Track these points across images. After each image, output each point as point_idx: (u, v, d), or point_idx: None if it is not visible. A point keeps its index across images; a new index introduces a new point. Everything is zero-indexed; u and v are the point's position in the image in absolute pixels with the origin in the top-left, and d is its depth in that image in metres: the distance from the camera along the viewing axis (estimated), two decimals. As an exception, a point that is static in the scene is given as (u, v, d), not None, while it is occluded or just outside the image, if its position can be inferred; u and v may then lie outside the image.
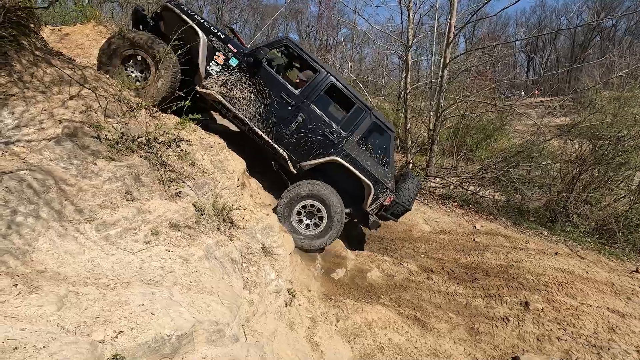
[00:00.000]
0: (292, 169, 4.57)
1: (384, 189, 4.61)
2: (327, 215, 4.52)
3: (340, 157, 4.46)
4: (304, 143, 4.47)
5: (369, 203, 4.62)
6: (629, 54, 20.32)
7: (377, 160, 4.64)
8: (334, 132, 4.45)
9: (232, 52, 4.29)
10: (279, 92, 4.35)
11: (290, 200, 4.50)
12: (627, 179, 7.65)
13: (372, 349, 3.43)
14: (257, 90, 4.31)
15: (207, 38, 4.23)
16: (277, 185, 5.61)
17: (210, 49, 4.24)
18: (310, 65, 4.58)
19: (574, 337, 3.94)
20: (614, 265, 6.00)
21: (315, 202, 4.52)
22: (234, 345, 1.95)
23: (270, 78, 4.36)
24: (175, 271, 2.14)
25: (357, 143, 4.54)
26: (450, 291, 4.85)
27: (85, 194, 2.24)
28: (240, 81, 4.27)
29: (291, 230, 4.47)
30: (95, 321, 1.55)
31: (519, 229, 7.16)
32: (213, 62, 4.24)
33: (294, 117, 4.39)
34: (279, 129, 4.42)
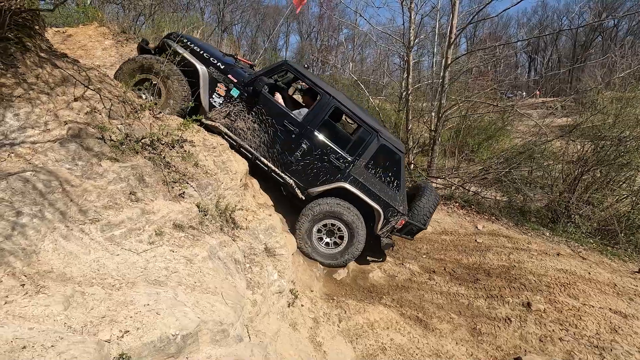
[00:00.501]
0: (300, 195, 4.51)
1: (395, 212, 4.48)
2: (346, 229, 4.46)
3: (347, 183, 4.37)
4: (310, 170, 4.41)
5: (379, 227, 4.52)
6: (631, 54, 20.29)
7: (387, 184, 4.50)
8: (339, 157, 4.35)
9: (233, 82, 4.28)
10: (282, 120, 4.30)
11: (307, 226, 4.44)
12: (629, 179, 7.63)
13: (374, 350, 3.44)
14: (260, 119, 4.29)
15: (207, 70, 4.26)
16: (279, 186, 5.64)
17: (212, 81, 4.27)
18: (313, 88, 4.53)
19: (576, 338, 3.94)
20: (616, 266, 5.99)
21: (331, 221, 4.46)
22: (237, 345, 1.96)
23: (271, 107, 4.32)
24: (180, 271, 2.15)
25: (365, 167, 4.42)
26: (452, 292, 4.86)
27: (90, 195, 2.26)
28: (242, 112, 4.27)
29: (311, 249, 4.47)
30: (102, 321, 1.57)
31: (520, 229, 7.16)
32: (215, 94, 4.27)
33: (298, 144, 4.34)
34: (284, 157, 4.38)
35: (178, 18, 11.44)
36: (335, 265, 4.56)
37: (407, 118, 9.96)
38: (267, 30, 40.54)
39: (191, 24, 10.58)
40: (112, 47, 7.41)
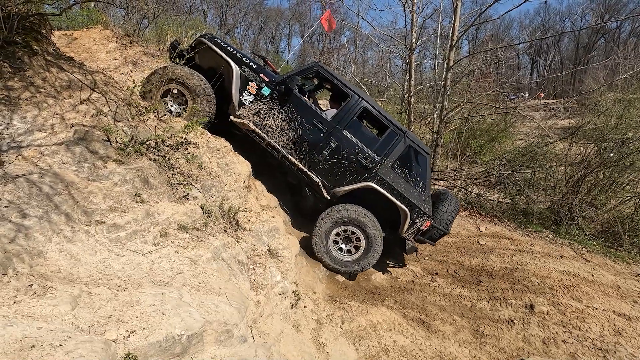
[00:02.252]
0: (325, 195, 4.50)
1: (421, 213, 4.45)
2: (365, 241, 4.43)
3: (374, 183, 4.36)
4: (337, 169, 4.41)
5: (405, 229, 4.47)
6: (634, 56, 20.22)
7: (413, 184, 4.49)
8: (367, 157, 4.36)
9: (264, 81, 4.35)
10: (311, 119, 4.34)
11: (327, 225, 4.44)
12: (633, 181, 7.60)
13: (377, 351, 3.44)
14: (289, 118, 4.33)
15: (240, 69, 4.33)
16: (282, 187, 5.66)
17: (243, 80, 4.33)
18: (342, 90, 4.56)
19: (579, 340, 3.93)
20: (620, 269, 5.97)
21: (352, 228, 4.44)
22: (242, 346, 1.97)
23: (302, 105, 4.37)
24: (184, 272, 2.17)
25: (392, 167, 4.42)
26: (455, 294, 4.85)
27: (95, 197, 2.29)
28: (272, 110, 4.31)
29: (328, 256, 4.46)
30: (108, 321, 1.59)
31: (523, 231, 7.14)
32: (246, 92, 4.32)
33: (326, 143, 4.36)
34: (311, 156, 4.40)
35: (181, 21, 11.52)
36: (341, 272, 4.53)
37: (409, 120, 9.97)
38: (269, 32, 40.71)
39: (194, 27, 10.65)
40: (116, 50, 7.47)
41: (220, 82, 4.33)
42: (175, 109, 4.18)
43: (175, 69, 4.02)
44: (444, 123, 9.09)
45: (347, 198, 4.56)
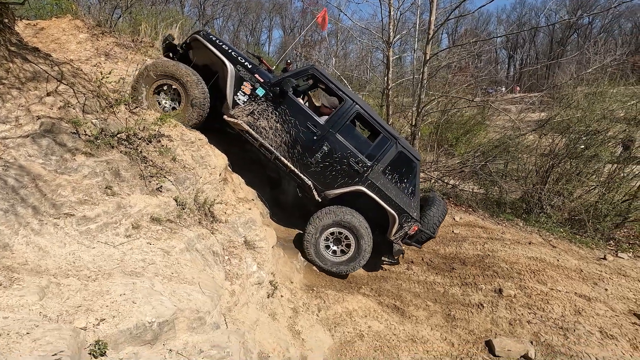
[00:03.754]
0: (316, 197, 4.57)
1: (409, 218, 4.56)
2: (355, 243, 4.52)
3: (364, 187, 4.45)
4: (329, 172, 4.47)
5: (393, 232, 4.59)
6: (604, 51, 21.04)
7: (402, 190, 4.58)
8: (359, 161, 4.42)
9: (259, 82, 4.34)
10: (305, 122, 4.37)
11: (318, 227, 4.50)
12: (597, 171, 8.00)
13: (352, 337, 3.56)
14: (283, 119, 4.35)
15: (235, 68, 4.30)
16: (261, 180, 5.68)
17: (238, 79, 4.32)
18: (336, 94, 4.60)
19: (543, 320, 4.17)
20: (583, 253, 6.31)
21: (343, 230, 4.53)
22: (214, 332, 2.02)
23: (296, 108, 4.39)
24: (157, 263, 2.20)
25: (383, 172, 4.50)
26: (429, 281, 5.04)
27: (64, 190, 2.27)
28: (266, 111, 4.32)
29: (318, 257, 4.53)
30: (77, 310, 1.61)
31: (496, 220, 7.42)
32: (240, 92, 4.31)
33: (319, 146, 4.40)
34: (304, 158, 4.44)
35: (157, 11, 11.22)
36: (329, 272, 4.60)
37: (388, 113, 10.12)
38: (249, 24, 40.05)
39: (170, 17, 10.40)
40: (87, 41, 7.23)
41: (214, 80, 4.30)
42: (170, 105, 4.15)
43: (170, 65, 3.99)
44: (421, 116, 9.26)
45: (337, 200, 4.64)
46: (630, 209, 7.33)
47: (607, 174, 7.85)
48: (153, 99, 3.96)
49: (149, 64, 4.07)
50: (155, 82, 3.94)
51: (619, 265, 5.93)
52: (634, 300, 4.77)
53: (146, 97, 3.80)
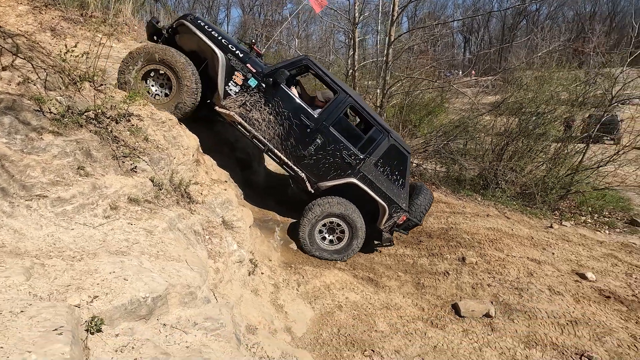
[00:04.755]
0: (309, 188, 4.60)
1: (398, 209, 4.69)
2: (349, 232, 4.63)
3: (357, 179, 4.51)
4: (322, 165, 4.48)
5: (384, 222, 4.72)
6: (549, 37, 22.47)
7: (392, 182, 4.68)
8: (351, 154, 4.45)
9: (251, 72, 4.20)
10: (298, 114, 4.30)
11: (312, 218, 4.54)
12: (545, 148, 8.70)
13: (331, 308, 3.72)
14: (276, 112, 4.25)
15: (226, 57, 4.12)
16: (231, 162, 5.60)
17: (229, 69, 4.15)
18: (330, 86, 4.54)
19: (501, 282, 4.58)
20: (533, 223, 6.93)
21: (337, 220, 4.60)
22: (206, 306, 2.06)
23: (289, 100, 4.30)
24: (141, 242, 2.16)
25: (375, 165, 4.57)
26: (399, 253, 5.32)
27: (33, 170, 2.14)
28: (259, 102, 4.21)
29: (314, 246, 4.59)
30: (68, 289, 1.57)
31: (457, 196, 7.90)
32: (232, 82, 4.16)
33: (312, 139, 4.37)
34: (297, 151, 4.40)
35: (105, -17, 10.34)
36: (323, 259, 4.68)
37: (354, 95, 10.21)
38: (205, 1, 38.03)
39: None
40: (29, 14, 6.57)
41: (203, 67, 4.13)
42: (162, 92, 3.98)
43: (163, 50, 3.80)
44: (386, 98, 9.49)
45: (330, 192, 4.69)
46: (573, 182, 8.10)
47: (554, 151, 8.58)
48: (141, 85, 3.75)
49: (138, 47, 3.85)
50: (143, 68, 3.73)
51: (563, 232, 6.59)
52: (576, 262, 5.36)
53: (134, 84, 3.61)
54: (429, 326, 3.78)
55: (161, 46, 3.89)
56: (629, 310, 4.24)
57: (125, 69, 3.75)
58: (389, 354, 3.23)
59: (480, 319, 3.95)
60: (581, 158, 8.19)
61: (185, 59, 3.92)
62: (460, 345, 3.54)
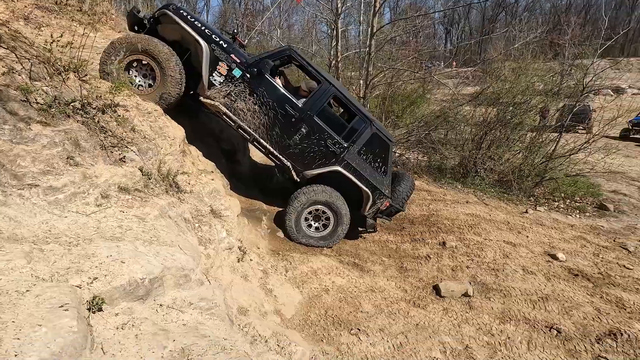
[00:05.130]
0: (295, 177, 4.69)
1: (382, 195, 4.82)
2: (334, 219, 4.76)
3: (341, 167, 4.62)
4: (307, 153, 4.57)
5: (367, 208, 4.86)
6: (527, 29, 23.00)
7: (376, 169, 4.81)
8: (336, 143, 4.56)
9: (236, 62, 4.22)
10: (283, 104, 4.36)
11: (298, 206, 4.65)
12: (522, 137, 9.05)
13: (318, 291, 3.87)
14: (261, 102, 4.29)
15: (209, 47, 4.12)
16: (216, 153, 5.63)
17: (213, 59, 4.15)
18: (313, 76, 4.59)
19: (478, 264, 4.84)
20: (510, 209, 7.26)
21: (322, 207, 4.72)
22: (200, 288, 2.15)
23: (274, 90, 4.35)
24: (134, 229, 2.23)
25: (358, 153, 4.68)
26: (383, 239, 5.51)
27: (23, 160, 2.17)
28: (244, 92, 4.23)
29: (301, 233, 4.71)
30: (68, 271, 1.64)
31: (438, 184, 8.17)
32: (216, 72, 4.16)
33: (297, 128, 4.44)
34: (283, 140, 4.47)
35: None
36: (310, 246, 4.81)
37: (337, 86, 10.28)
38: (184, -9, 36.93)
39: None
40: (0, 2, 6.35)
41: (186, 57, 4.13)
42: (145, 82, 3.97)
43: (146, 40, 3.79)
44: (369, 89, 9.61)
45: (315, 180, 4.79)
46: (547, 169, 8.48)
47: (529, 140, 8.94)
48: (124, 75, 3.74)
49: (120, 37, 3.83)
50: (126, 58, 3.71)
51: (537, 217, 6.93)
52: (548, 244, 5.68)
53: (117, 74, 3.60)
54: (412, 306, 3.98)
55: (144, 36, 3.87)
56: (594, 287, 4.56)
57: (107, 59, 3.73)
58: (374, 332, 3.40)
59: (459, 298, 4.18)
60: (554, 146, 8.58)
61: (169, 49, 3.91)
62: (440, 322, 3.76)
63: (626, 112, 7.74)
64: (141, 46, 3.75)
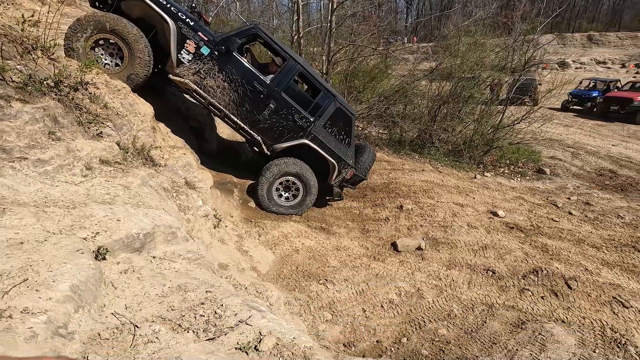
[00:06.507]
0: (266, 151, 4.98)
1: (346, 165, 5.25)
2: (303, 189, 5.12)
3: (308, 140, 4.96)
4: (276, 128, 4.83)
5: (334, 178, 5.27)
6: (482, 5, 23.84)
7: (340, 141, 5.19)
8: (303, 117, 4.85)
9: (203, 40, 4.28)
10: (251, 81, 4.52)
11: (270, 177, 4.94)
12: (472, 110, 9.79)
13: (289, 252, 4.29)
14: (230, 78, 4.42)
15: (176, 25, 4.14)
16: (185, 130, 5.76)
17: (180, 37, 4.19)
18: (279, 53, 4.77)
19: (430, 223, 5.47)
20: (461, 175, 8.01)
21: (292, 178, 5.06)
22: (186, 243, 2.47)
23: (242, 67, 4.48)
24: (121, 195, 2.48)
25: (324, 126, 5.02)
26: (347, 206, 6.00)
27: (9, 135, 2.32)
28: (212, 70, 4.33)
29: (272, 202, 5.02)
30: (72, 228, 1.90)
31: (397, 155, 8.76)
32: (184, 50, 4.22)
33: (266, 104, 4.66)
34: (252, 116, 4.68)
35: None
36: (293, 214, 5.20)
37: (301, 62, 10.42)
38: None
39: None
40: None
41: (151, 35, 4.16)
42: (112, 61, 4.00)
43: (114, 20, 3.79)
44: (331, 65, 9.86)
45: (284, 153, 5.10)
46: (494, 139, 9.31)
47: (479, 112, 9.69)
48: (90, 54, 3.76)
49: (87, 15, 3.80)
50: (92, 36, 3.73)
51: (484, 181, 7.73)
52: (491, 204, 6.44)
53: (83, 52, 3.62)
54: (372, 260, 4.53)
55: (113, 15, 3.89)
56: (525, 236, 5.34)
57: (72, 36, 3.74)
58: (339, 282, 3.90)
59: (414, 252, 4.78)
60: (500, 118, 9.39)
61: (138, 30, 3.97)
62: (397, 272, 4.33)
63: (559, 85, 8.59)
64: (109, 25, 3.79)
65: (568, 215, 6.22)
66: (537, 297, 3.98)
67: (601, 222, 5.99)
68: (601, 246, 5.16)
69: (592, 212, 6.39)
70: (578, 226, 5.80)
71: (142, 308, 1.66)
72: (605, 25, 44.63)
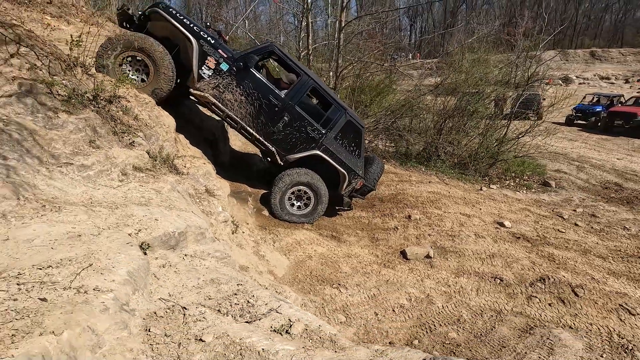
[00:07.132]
0: (279, 161, 5.22)
1: (356, 176, 5.46)
2: (315, 198, 5.34)
3: (320, 151, 5.20)
4: (290, 139, 5.10)
5: (344, 188, 5.48)
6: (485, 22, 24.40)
7: (350, 152, 5.43)
8: (315, 129, 5.12)
9: (223, 57, 4.61)
10: (267, 95, 4.83)
11: (282, 187, 5.16)
12: (477, 124, 10.00)
13: (303, 258, 4.46)
14: (247, 93, 4.74)
15: (198, 43, 4.48)
16: (200, 142, 6.02)
17: (202, 54, 4.52)
18: (293, 69, 5.10)
19: (438, 232, 5.61)
20: (467, 187, 8.16)
21: (303, 188, 5.28)
22: (213, 244, 2.66)
23: (259, 82, 4.81)
24: (154, 199, 2.69)
25: (335, 138, 5.26)
26: (356, 216, 6.17)
27: (56, 143, 2.56)
28: (231, 85, 4.65)
29: (284, 211, 5.23)
30: (117, 225, 2.10)
31: (404, 167, 8.95)
32: (205, 66, 4.53)
33: (280, 117, 4.94)
34: (267, 127, 4.96)
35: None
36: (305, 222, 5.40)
37: (310, 77, 10.76)
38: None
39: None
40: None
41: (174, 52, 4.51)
42: (138, 77, 4.33)
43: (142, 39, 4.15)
44: (339, 80, 10.20)
45: (296, 163, 5.34)
46: (499, 152, 9.48)
47: (484, 126, 9.90)
48: (119, 70, 4.09)
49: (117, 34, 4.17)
50: (122, 53, 4.06)
51: (490, 193, 7.87)
52: (497, 215, 6.58)
53: (112, 68, 3.95)
54: (383, 267, 4.67)
55: (141, 35, 4.20)
56: (532, 246, 5.46)
57: (103, 54, 4.05)
58: (352, 287, 4.05)
59: (422, 260, 4.91)
60: (505, 132, 9.59)
61: (163, 48, 4.28)
62: (407, 278, 4.46)
63: (560, 99, 8.81)
64: (137, 44, 4.09)
65: (574, 227, 6.33)
66: (545, 304, 4.08)
67: (607, 234, 6.09)
68: (607, 256, 5.26)
69: (598, 224, 6.50)
70: (584, 237, 5.91)
71: (183, 296, 1.84)
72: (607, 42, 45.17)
